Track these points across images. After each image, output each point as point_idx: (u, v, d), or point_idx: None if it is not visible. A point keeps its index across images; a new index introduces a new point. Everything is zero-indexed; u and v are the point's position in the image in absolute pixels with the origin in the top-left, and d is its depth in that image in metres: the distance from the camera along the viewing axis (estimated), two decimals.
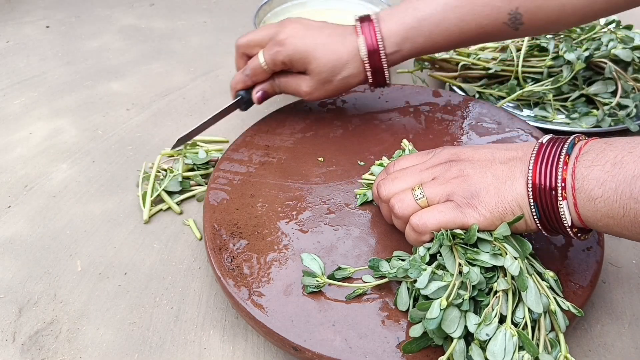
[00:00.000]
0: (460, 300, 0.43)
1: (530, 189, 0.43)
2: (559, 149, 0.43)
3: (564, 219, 0.42)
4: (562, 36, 0.78)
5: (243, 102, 0.68)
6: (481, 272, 0.44)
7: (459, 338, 0.42)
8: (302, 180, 0.61)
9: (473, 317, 0.43)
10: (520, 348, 0.42)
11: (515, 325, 0.43)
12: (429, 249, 0.47)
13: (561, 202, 0.42)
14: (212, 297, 0.56)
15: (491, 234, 0.45)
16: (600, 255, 0.52)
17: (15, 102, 0.83)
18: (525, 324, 0.43)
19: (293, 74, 0.63)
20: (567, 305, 0.45)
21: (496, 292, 0.44)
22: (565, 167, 0.42)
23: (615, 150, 0.40)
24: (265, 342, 0.52)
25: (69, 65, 0.91)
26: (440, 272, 0.45)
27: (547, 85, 0.74)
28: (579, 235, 0.44)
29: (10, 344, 0.52)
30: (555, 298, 0.45)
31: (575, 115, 0.74)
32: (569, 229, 0.43)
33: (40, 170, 0.71)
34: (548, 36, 0.78)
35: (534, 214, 0.44)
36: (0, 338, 0.53)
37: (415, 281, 0.45)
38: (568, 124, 0.73)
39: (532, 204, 0.43)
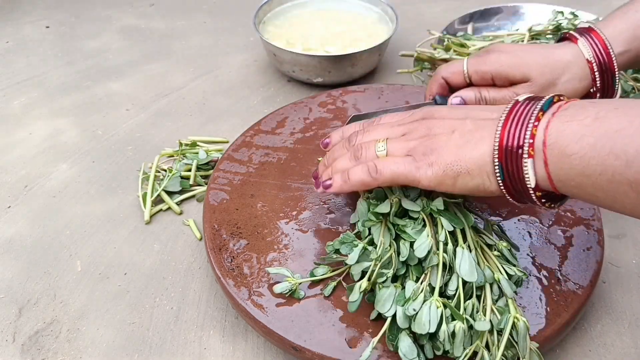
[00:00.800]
0: (384, 279, 0.44)
1: (496, 147, 0.41)
2: (534, 105, 0.40)
3: (527, 179, 0.40)
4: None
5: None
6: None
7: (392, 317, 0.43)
8: (302, 180, 0.61)
9: (409, 289, 0.44)
10: (453, 319, 0.42)
11: (449, 297, 0.44)
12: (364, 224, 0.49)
13: (526, 160, 0.39)
14: (212, 297, 0.56)
15: (423, 206, 0.47)
16: (600, 255, 0.52)
17: (15, 103, 0.83)
18: (459, 294, 0.44)
19: (504, 86, 0.57)
20: (513, 270, 0.46)
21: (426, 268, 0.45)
22: (536, 123, 0.39)
23: (598, 106, 0.38)
24: (265, 342, 0.52)
25: (69, 65, 0.91)
26: (371, 247, 0.47)
27: None
28: (543, 201, 0.41)
29: (10, 344, 0.52)
30: (502, 266, 0.46)
31: None
32: (532, 192, 0.40)
33: (40, 171, 0.71)
34: (548, 36, 0.78)
35: (498, 174, 0.41)
36: (0, 338, 0.53)
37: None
38: None
39: (496, 163, 0.41)
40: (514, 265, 0.47)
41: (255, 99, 0.83)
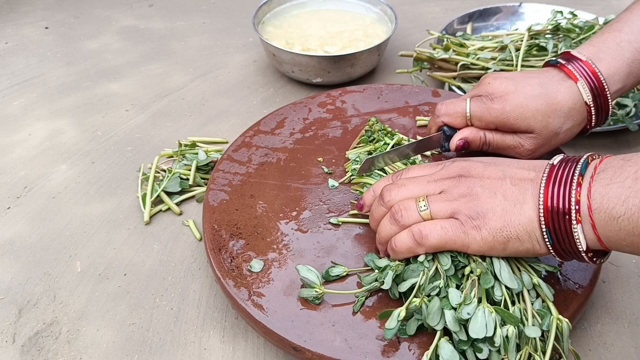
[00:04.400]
0: (438, 290, 0.44)
1: (542, 214, 0.41)
2: (572, 169, 0.41)
3: (578, 244, 0.41)
4: (561, 36, 0.78)
5: (445, 138, 0.60)
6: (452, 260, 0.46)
7: (442, 329, 0.43)
8: (301, 181, 0.61)
9: (455, 296, 0.43)
10: (504, 323, 0.42)
11: (496, 303, 0.44)
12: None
13: (575, 226, 0.40)
14: (212, 298, 0.56)
15: None
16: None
17: (14, 103, 0.83)
18: (505, 300, 0.44)
19: (509, 132, 0.57)
20: (542, 267, 0.46)
21: (469, 276, 0.45)
22: (579, 189, 0.40)
23: (635, 165, 0.38)
24: (265, 342, 0.52)
25: (68, 66, 0.91)
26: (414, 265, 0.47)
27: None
28: (594, 259, 0.42)
29: (10, 345, 0.52)
30: (534, 266, 0.46)
31: None
32: (583, 254, 0.41)
33: (40, 172, 0.71)
34: (547, 35, 0.78)
35: (546, 239, 0.42)
36: (0, 339, 0.53)
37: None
38: None
39: (544, 229, 0.42)
40: (540, 263, 0.47)
41: (254, 99, 0.83)
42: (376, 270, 0.49)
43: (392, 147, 0.61)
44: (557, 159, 0.44)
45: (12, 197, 0.68)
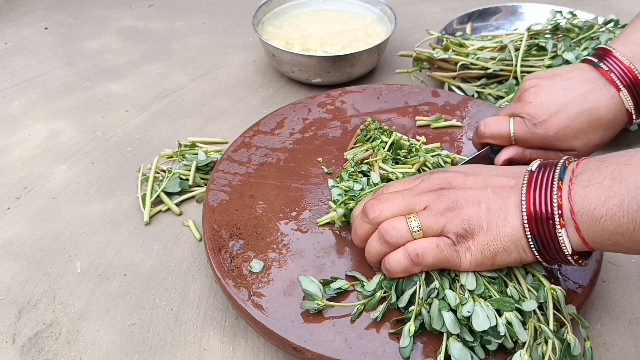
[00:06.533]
0: (436, 292, 0.45)
1: (525, 221, 0.42)
2: (551, 174, 0.42)
3: (564, 247, 0.41)
4: (560, 35, 0.78)
5: (492, 151, 0.60)
6: None
7: (448, 330, 0.44)
8: (301, 181, 0.61)
9: (452, 297, 0.44)
10: (500, 313, 0.43)
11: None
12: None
13: (559, 230, 0.40)
14: (212, 298, 0.56)
15: None
16: (599, 254, 0.52)
17: (14, 104, 0.83)
18: (500, 282, 0.46)
19: (552, 149, 0.58)
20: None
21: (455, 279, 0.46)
22: (559, 192, 0.40)
23: (611, 165, 0.39)
24: (265, 342, 0.52)
25: (68, 66, 0.91)
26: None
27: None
28: (579, 261, 0.42)
29: (10, 345, 0.52)
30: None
31: None
32: (569, 257, 0.42)
33: (40, 172, 0.71)
34: (547, 35, 0.78)
35: (532, 245, 0.42)
36: (0, 340, 0.53)
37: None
38: None
39: (529, 236, 0.42)
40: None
41: (254, 99, 0.83)
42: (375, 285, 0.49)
43: (391, 145, 0.61)
44: (534, 164, 0.44)
45: (11, 197, 0.68)
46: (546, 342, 0.43)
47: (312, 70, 0.80)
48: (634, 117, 0.56)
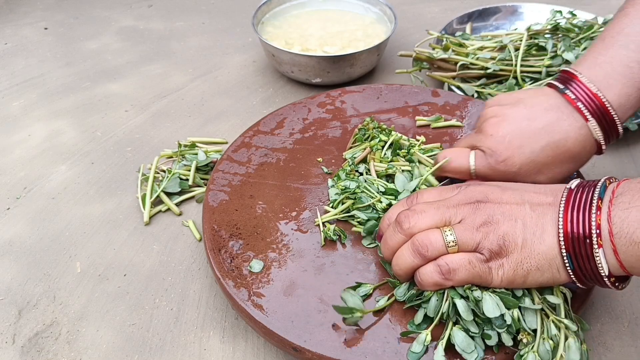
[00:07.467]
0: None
1: (562, 239, 0.41)
2: (591, 193, 0.41)
3: (600, 269, 0.40)
4: (560, 35, 0.78)
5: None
6: None
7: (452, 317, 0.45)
8: (301, 181, 0.61)
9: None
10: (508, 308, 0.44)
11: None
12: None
13: (597, 250, 0.39)
14: (211, 298, 0.56)
15: None
16: None
17: (14, 104, 0.83)
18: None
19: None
20: None
21: None
22: (598, 213, 0.39)
23: None
24: (265, 342, 0.52)
25: (68, 66, 0.91)
26: None
27: (545, 85, 0.74)
28: (616, 284, 0.41)
29: (10, 346, 0.52)
30: None
31: None
32: (606, 279, 0.40)
33: (40, 172, 0.71)
34: (546, 35, 0.78)
35: (567, 265, 0.41)
36: (0, 340, 0.53)
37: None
38: None
39: (564, 254, 0.41)
40: None
41: (254, 99, 0.83)
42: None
43: (390, 145, 0.61)
44: (574, 183, 0.43)
45: (11, 197, 0.68)
46: (551, 339, 0.42)
47: (311, 70, 0.80)
48: (603, 148, 0.53)
